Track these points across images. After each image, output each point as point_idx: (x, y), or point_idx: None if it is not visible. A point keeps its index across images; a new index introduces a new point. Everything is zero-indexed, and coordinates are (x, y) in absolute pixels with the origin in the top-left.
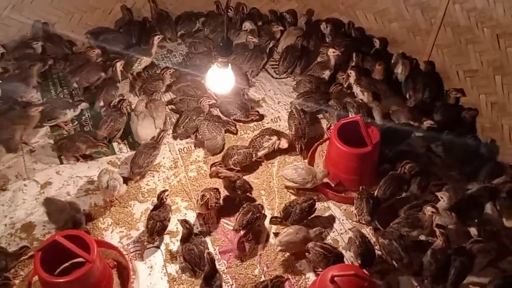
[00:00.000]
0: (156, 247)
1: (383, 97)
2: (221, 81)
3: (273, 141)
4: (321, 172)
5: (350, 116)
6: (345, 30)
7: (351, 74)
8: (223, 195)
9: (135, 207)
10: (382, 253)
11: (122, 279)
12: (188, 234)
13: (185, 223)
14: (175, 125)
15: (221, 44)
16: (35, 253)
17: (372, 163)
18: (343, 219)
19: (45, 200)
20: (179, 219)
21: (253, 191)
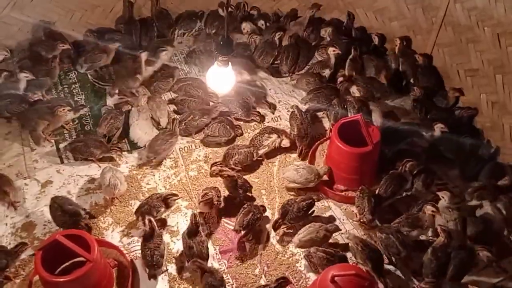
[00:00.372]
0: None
1: (382, 96)
2: (222, 80)
3: (273, 139)
4: (322, 169)
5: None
6: (346, 24)
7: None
8: (223, 195)
9: (136, 206)
10: (380, 248)
11: (122, 278)
12: (195, 229)
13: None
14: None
15: (222, 42)
16: (35, 252)
17: (372, 163)
18: (343, 219)
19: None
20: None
21: (253, 191)
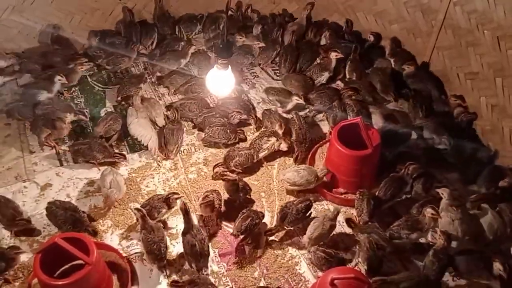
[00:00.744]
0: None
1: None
2: (221, 83)
3: (272, 142)
4: (321, 171)
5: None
6: (344, 30)
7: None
8: (223, 198)
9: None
10: (366, 248)
11: (121, 281)
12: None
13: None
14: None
15: (221, 46)
16: (35, 255)
17: (372, 166)
18: (342, 222)
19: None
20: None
21: (253, 194)
